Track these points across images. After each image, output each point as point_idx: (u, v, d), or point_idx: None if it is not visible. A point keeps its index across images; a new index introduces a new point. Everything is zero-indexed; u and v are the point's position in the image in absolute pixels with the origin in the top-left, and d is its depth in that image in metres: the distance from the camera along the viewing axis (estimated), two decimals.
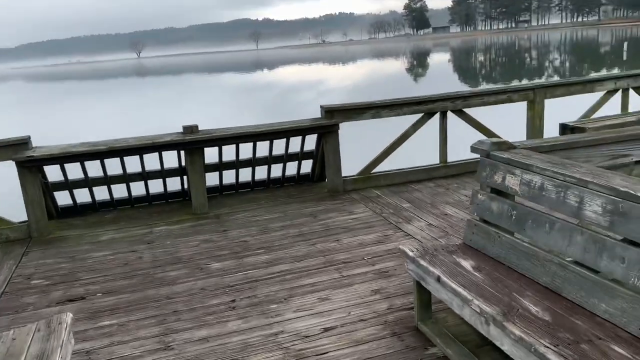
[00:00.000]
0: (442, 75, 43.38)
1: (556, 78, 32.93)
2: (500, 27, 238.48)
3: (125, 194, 6.10)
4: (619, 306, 2.23)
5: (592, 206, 2.41)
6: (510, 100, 6.70)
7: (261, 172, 6.54)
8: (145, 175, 5.97)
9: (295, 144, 6.30)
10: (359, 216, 5.39)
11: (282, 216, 5.54)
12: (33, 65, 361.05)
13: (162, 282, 4.17)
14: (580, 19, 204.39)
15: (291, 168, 6.63)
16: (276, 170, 6.59)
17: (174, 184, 6.27)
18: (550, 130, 6.92)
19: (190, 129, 5.64)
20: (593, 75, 6.77)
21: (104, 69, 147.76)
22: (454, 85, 34.58)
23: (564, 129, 6.16)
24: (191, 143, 5.55)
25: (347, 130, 6.41)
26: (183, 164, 5.96)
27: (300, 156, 6.48)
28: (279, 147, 6.28)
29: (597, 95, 7.14)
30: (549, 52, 65.33)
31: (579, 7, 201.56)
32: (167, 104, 32.05)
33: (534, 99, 6.72)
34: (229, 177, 6.45)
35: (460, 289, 2.60)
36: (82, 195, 6.03)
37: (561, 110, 7.04)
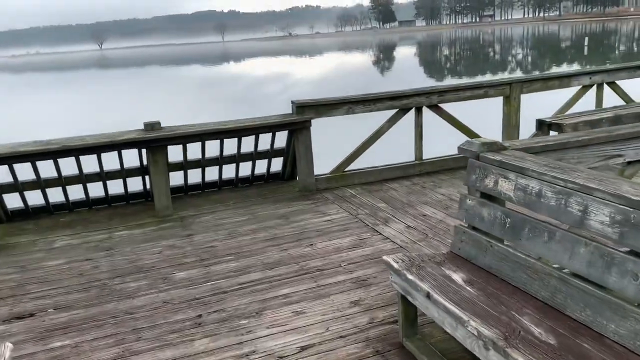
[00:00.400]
0: (408, 69, 43.62)
1: (519, 74, 33.38)
2: (465, 21, 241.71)
3: (82, 196, 5.69)
4: (632, 328, 2.02)
5: (598, 216, 2.19)
6: (487, 96, 6.52)
7: (229, 171, 6.21)
8: (103, 176, 5.56)
9: (264, 141, 5.98)
10: (333, 218, 5.12)
11: (251, 218, 5.22)
12: None
13: (121, 295, 3.81)
14: (542, 14, 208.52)
15: (261, 166, 6.32)
16: (245, 169, 6.27)
17: (135, 184, 5.88)
18: (526, 127, 6.79)
19: (152, 126, 5.26)
20: (568, 69, 6.53)
21: (64, 61, 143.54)
22: (421, 78, 34.65)
23: (541, 125, 6.01)
24: (153, 141, 5.17)
25: (319, 126, 6.13)
26: (145, 163, 5.59)
27: (270, 154, 6.16)
28: (247, 144, 5.95)
29: (570, 91, 7.03)
30: (512, 46, 66.35)
31: (541, 2, 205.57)
32: (129, 98, 31.16)
33: (510, 94, 6.55)
34: (194, 176, 6.10)
35: (453, 308, 2.35)
36: (35, 198, 5.59)
37: (533, 106, 6.92)
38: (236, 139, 5.77)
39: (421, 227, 4.73)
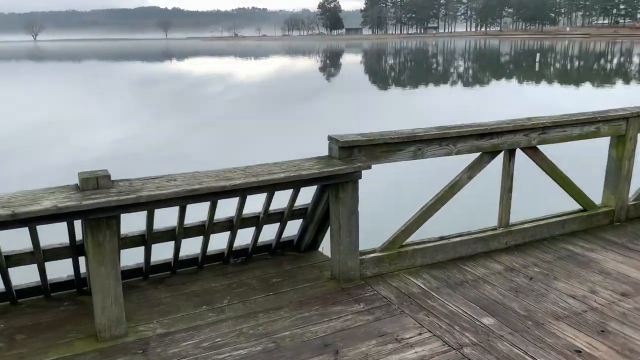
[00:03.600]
0: (353, 76, 42.44)
1: (478, 89, 32.44)
2: (410, 31, 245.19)
3: None
4: None
5: None
6: (598, 134, 4.50)
7: (218, 239, 3.89)
8: (2, 265, 3.12)
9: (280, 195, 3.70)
10: (419, 351, 2.91)
11: (268, 348, 2.93)
12: None
13: None
14: (483, 29, 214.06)
15: (266, 230, 4.04)
16: (241, 235, 3.96)
17: (61, 268, 3.47)
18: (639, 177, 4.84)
19: (94, 182, 2.86)
20: None
21: None
22: (366, 85, 33.34)
23: None
24: (96, 211, 2.79)
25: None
26: (80, 237, 3.20)
27: (286, 215, 3.90)
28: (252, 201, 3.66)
29: None
30: (455, 59, 66.41)
31: (483, 17, 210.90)
32: (58, 95, 27.77)
33: (627, 132, 4.57)
34: (161, 249, 3.74)
35: None
36: None
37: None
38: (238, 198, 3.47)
39: None
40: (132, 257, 3.75)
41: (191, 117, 19.34)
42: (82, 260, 3.32)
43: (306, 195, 3.82)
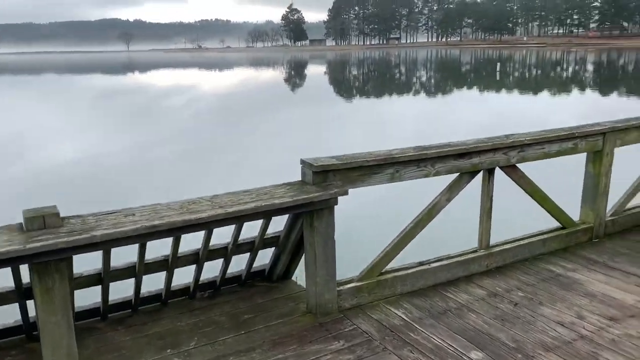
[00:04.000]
0: (318, 87, 42.61)
1: (441, 98, 32.83)
2: (373, 42, 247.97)
3: None
4: None
5: None
6: (576, 150, 4.39)
7: (183, 272, 3.60)
8: None
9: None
10: None
11: None
12: None
13: None
14: (444, 39, 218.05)
15: (236, 260, 3.77)
16: (208, 268, 3.68)
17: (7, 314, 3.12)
18: (615, 192, 4.76)
19: (40, 222, 2.55)
20: None
21: None
22: (330, 95, 33.41)
23: None
24: (45, 254, 2.48)
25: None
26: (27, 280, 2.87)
27: (257, 245, 3.64)
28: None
29: None
30: (418, 68, 67.35)
31: (443, 28, 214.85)
32: (8, 112, 26.81)
33: (604, 147, 4.48)
34: (121, 286, 3.43)
35: None
36: None
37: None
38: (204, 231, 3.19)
39: None
40: (88, 294, 3.43)
41: (152, 134, 18.84)
42: (30, 303, 2.99)
43: (279, 221, 3.57)
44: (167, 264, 3.34)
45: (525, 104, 26.98)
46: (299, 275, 3.86)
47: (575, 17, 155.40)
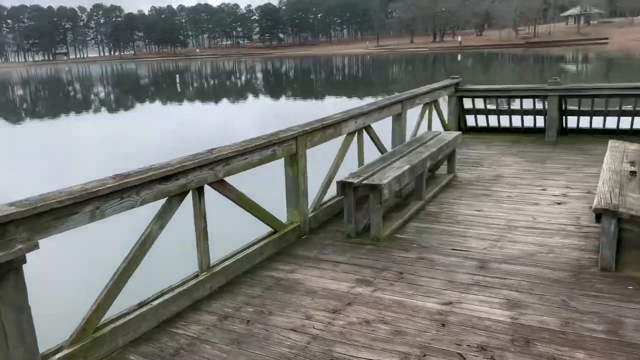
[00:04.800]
0: None
1: (120, 116, 31.76)
2: (37, 59, 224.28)
3: None
4: None
5: None
6: (275, 157, 4.53)
7: None
8: None
9: None
10: None
11: None
12: None
13: None
14: (117, 53, 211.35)
15: None
16: None
17: None
18: (314, 191, 5.14)
19: None
20: (337, 114, 5.16)
21: None
22: None
23: (343, 187, 4.53)
24: None
25: None
26: None
27: None
28: None
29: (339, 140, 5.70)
30: (93, 84, 63.96)
31: (115, 42, 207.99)
32: None
33: (297, 150, 4.75)
34: None
35: None
36: None
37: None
38: None
39: None
40: None
41: None
42: None
43: None
44: None
45: (212, 112, 27.98)
46: None
47: (239, 29, 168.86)
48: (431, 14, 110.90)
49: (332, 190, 5.25)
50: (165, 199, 3.53)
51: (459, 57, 69.62)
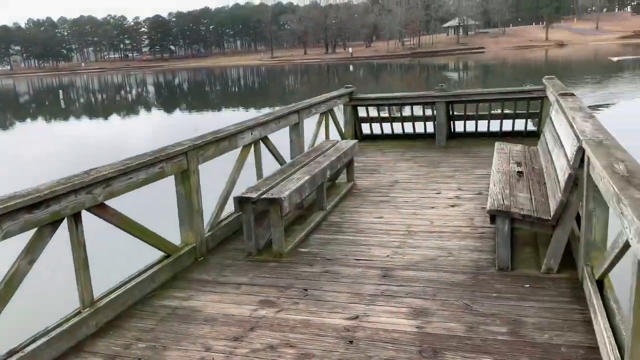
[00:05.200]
0: None
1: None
2: None
3: None
4: None
5: None
6: (164, 175, 4.18)
7: None
8: None
9: None
10: None
11: None
12: None
13: None
14: None
15: None
16: None
17: None
18: (208, 208, 4.84)
19: None
20: (232, 126, 4.95)
21: None
22: None
23: (241, 203, 4.32)
24: None
25: None
26: None
27: None
28: None
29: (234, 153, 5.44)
30: None
31: None
32: None
33: (189, 166, 4.44)
34: None
35: None
36: None
37: None
38: None
39: None
40: None
41: None
42: None
43: None
44: None
45: (101, 129, 26.43)
46: None
47: (127, 42, 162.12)
48: (322, 25, 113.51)
49: (230, 207, 5.00)
50: (35, 229, 3.09)
51: (351, 67, 71.69)
